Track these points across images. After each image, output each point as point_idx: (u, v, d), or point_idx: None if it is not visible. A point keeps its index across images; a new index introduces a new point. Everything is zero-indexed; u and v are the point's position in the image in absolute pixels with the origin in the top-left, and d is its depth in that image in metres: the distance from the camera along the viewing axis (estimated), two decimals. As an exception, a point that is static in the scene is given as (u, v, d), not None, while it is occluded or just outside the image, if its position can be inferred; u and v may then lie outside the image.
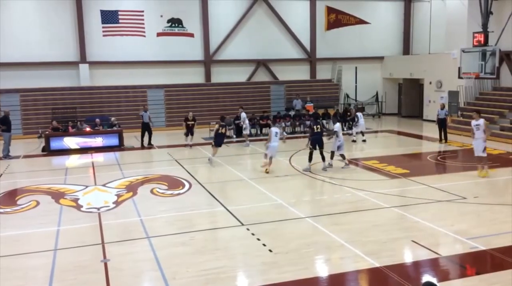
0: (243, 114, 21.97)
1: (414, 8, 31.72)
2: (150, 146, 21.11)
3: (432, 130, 23.92)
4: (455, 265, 8.22)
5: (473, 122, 14.39)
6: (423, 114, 28.39)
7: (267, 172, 15.03)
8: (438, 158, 17.08)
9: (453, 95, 25.59)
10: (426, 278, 7.61)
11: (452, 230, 9.64)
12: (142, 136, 21.23)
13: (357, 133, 20.91)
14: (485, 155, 14.24)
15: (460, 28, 24.38)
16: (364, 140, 20.55)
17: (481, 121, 14.28)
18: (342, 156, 15.63)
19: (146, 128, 21.16)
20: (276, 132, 15.50)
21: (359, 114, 20.95)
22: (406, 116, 30.12)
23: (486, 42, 19.32)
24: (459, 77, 21.13)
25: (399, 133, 24.01)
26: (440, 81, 26.70)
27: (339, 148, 15.47)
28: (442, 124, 20.47)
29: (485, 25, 19.88)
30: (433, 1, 29.11)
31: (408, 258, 8.61)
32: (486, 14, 19.96)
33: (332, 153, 15.60)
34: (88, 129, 21.07)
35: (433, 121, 26.19)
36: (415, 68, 28.82)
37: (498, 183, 13.89)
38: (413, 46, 32.05)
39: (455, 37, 24.84)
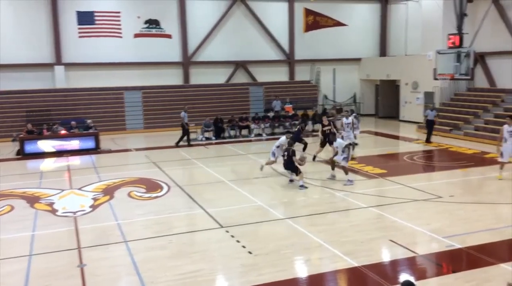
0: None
1: (390, 10, 32.13)
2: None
3: (408, 131, 24.29)
4: (431, 263, 8.33)
5: (506, 127, 13.79)
6: (399, 115, 28.75)
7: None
8: (414, 158, 17.30)
9: (429, 96, 25.98)
10: (404, 277, 7.69)
11: (428, 228, 9.77)
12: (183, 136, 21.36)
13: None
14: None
15: (435, 30, 24.78)
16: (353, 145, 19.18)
17: None
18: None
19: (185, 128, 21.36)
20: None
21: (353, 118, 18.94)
22: (383, 117, 30.47)
23: (460, 44, 19.65)
24: (435, 78, 21.42)
25: (377, 134, 24.27)
26: (416, 83, 27.07)
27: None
28: (430, 125, 20.52)
29: (459, 27, 20.22)
30: (409, 3, 29.53)
31: (386, 257, 8.69)
32: (461, 16, 20.30)
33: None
34: (63, 132, 20.71)
35: (410, 122, 26.64)
36: (391, 69, 29.18)
37: (473, 182, 14.15)
38: (390, 47, 32.46)
39: (430, 39, 25.22)
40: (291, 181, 13.89)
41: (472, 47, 20.19)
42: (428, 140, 20.50)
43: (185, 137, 21.32)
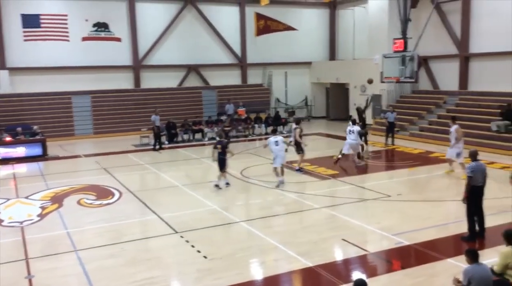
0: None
1: (338, 15, 32.91)
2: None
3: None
4: (382, 260, 8.60)
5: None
6: (350, 117, 29.43)
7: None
8: (364, 158, 17.76)
9: (376, 98, 26.77)
10: (356, 275, 7.90)
11: (378, 227, 10.09)
12: (156, 140, 21.09)
13: None
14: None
15: (381, 35, 25.59)
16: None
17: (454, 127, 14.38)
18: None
19: (158, 132, 21.09)
20: (276, 142, 14.00)
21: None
22: (334, 119, 31.12)
23: (405, 48, 20.39)
24: (382, 81, 22.11)
25: (328, 135, 24.76)
26: (364, 86, 27.82)
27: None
28: (391, 128, 20.66)
29: (404, 32, 20.99)
30: (356, 9, 30.36)
31: (339, 256, 8.91)
32: (405, 21, 21.09)
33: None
34: (8, 139, 19.85)
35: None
36: (341, 73, 29.87)
37: (419, 181, 14.71)
38: (339, 51, 33.24)
39: (377, 43, 26.02)
40: (217, 185, 13.68)
41: (416, 51, 20.98)
42: (387, 143, 20.46)
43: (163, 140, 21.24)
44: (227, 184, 13.88)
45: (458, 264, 7.75)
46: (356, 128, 16.53)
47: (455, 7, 23.13)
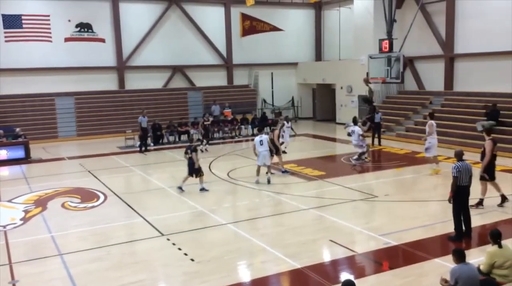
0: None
1: (324, 16, 33.01)
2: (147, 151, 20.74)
3: (345, 133, 24.91)
4: (370, 261, 8.58)
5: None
6: (336, 118, 29.54)
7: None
8: (350, 159, 17.77)
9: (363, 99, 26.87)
10: (344, 276, 7.87)
11: (366, 227, 10.08)
12: (142, 142, 20.84)
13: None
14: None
15: (367, 35, 25.70)
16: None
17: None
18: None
19: (144, 133, 20.87)
20: (261, 141, 14.22)
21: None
22: (321, 120, 31.19)
23: (391, 49, 20.51)
24: (368, 82, 22.23)
25: (315, 136, 24.78)
26: (350, 86, 27.94)
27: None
28: (377, 128, 20.71)
29: (389, 33, 21.12)
30: (341, 9, 30.46)
31: (327, 257, 8.86)
32: (391, 22, 21.23)
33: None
34: None
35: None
36: (327, 73, 29.95)
37: (406, 181, 14.77)
38: (325, 52, 33.33)
39: (362, 44, 26.12)
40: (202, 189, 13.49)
41: (402, 51, 21.13)
42: (379, 143, 20.50)
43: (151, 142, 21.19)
44: (202, 189, 13.41)
45: (446, 264, 7.76)
46: (356, 129, 16.69)
47: (440, 7, 23.32)
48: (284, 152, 17.20)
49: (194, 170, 13.38)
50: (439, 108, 22.56)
